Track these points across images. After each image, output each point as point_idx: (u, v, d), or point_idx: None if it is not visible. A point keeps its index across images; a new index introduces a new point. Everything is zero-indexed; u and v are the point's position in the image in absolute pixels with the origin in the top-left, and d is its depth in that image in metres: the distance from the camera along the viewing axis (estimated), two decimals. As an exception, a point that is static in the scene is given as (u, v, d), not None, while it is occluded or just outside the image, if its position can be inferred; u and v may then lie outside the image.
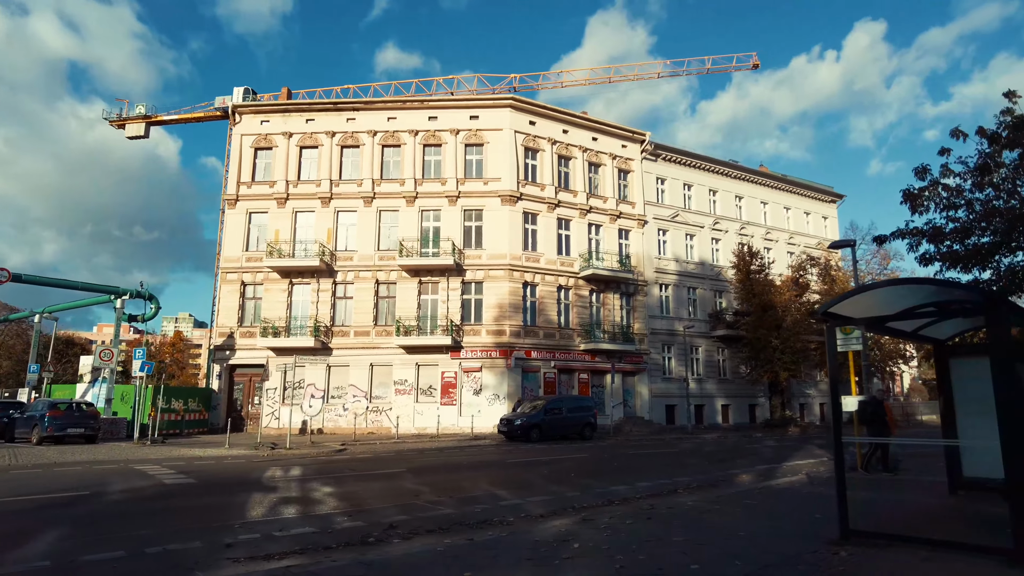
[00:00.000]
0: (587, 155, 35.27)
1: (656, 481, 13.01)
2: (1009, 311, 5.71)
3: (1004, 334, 5.53)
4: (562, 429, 25.91)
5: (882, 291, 6.52)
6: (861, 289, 6.37)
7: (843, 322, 6.89)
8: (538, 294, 32.25)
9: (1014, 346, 5.49)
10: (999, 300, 5.49)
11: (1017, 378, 5.52)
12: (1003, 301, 5.45)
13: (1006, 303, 5.55)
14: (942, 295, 6.02)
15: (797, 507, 9.17)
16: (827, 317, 6.63)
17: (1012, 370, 5.48)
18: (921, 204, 13.14)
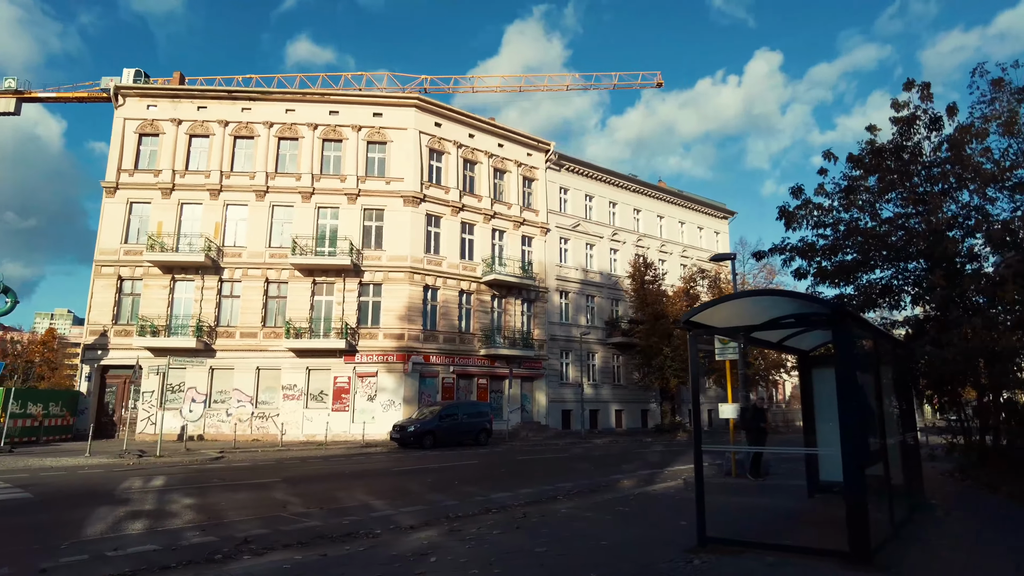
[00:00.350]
0: (493, 161, 35.25)
1: (539, 487, 12.94)
2: (854, 324, 5.94)
3: (848, 345, 5.74)
4: (458, 435, 25.60)
5: (745, 302, 6.65)
6: (720, 300, 6.47)
7: (706, 331, 6.99)
8: (439, 298, 31.80)
9: (856, 357, 5.69)
10: (845, 313, 5.68)
11: (858, 387, 5.74)
12: (848, 314, 5.65)
13: (852, 316, 5.76)
14: (796, 307, 6.20)
15: (667, 513, 9.28)
16: (690, 326, 6.70)
17: (854, 379, 5.68)
18: (795, 221, 13.86)
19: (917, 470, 9.30)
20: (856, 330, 6.40)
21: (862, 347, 7.49)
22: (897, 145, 13.23)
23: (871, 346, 7.60)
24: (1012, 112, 11.88)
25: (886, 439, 6.90)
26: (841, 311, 5.68)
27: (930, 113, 13.42)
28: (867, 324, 6.57)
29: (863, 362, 7.05)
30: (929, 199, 12.10)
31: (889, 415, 8.29)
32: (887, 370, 8.26)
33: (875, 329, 7.07)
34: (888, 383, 8.29)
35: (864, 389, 6.39)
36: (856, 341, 6.50)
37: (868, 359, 7.20)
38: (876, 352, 7.12)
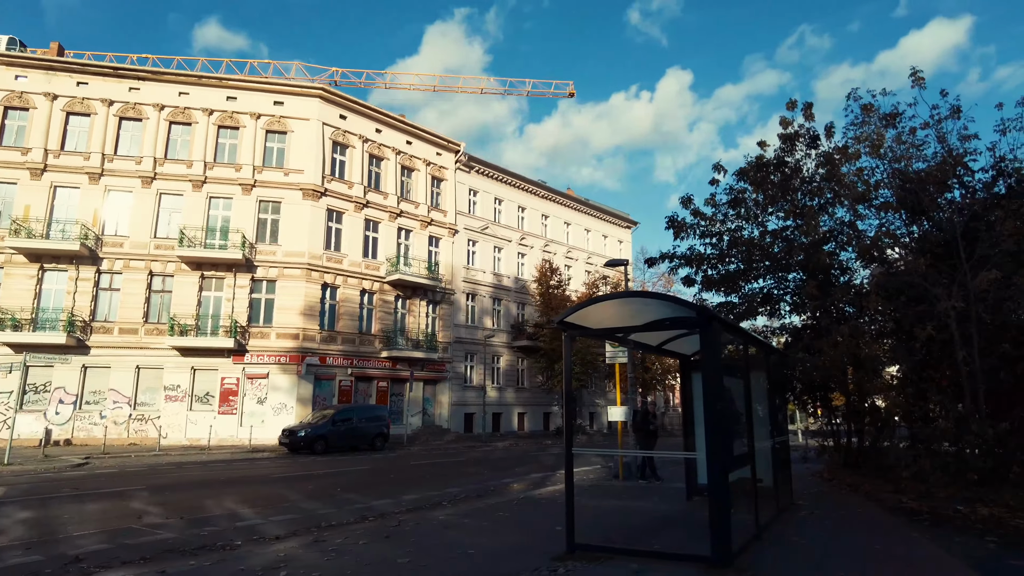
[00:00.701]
0: (400, 158, 34.51)
1: (425, 493, 12.53)
2: (721, 327, 5.95)
3: (714, 348, 5.73)
4: (352, 440, 24.71)
5: (618, 303, 6.56)
6: (592, 301, 6.34)
7: (580, 332, 6.86)
8: (339, 297, 30.69)
9: (720, 361, 5.68)
10: (710, 316, 5.67)
11: (723, 391, 5.75)
12: (714, 317, 5.63)
13: (717, 319, 5.76)
14: (669, 311, 6.15)
15: (546, 519, 9.11)
16: (564, 326, 6.54)
17: (719, 383, 5.68)
18: (683, 231, 14.21)
19: (787, 472, 9.62)
20: (725, 334, 6.44)
21: (738, 352, 7.62)
22: (780, 160, 13.84)
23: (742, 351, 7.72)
24: (879, 135, 12.64)
25: (754, 443, 7.01)
26: (706, 314, 5.66)
27: (811, 132, 14.14)
28: (735, 328, 6.65)
29: (732, 366, 7.15)
30: (806, 212, 12.69)
31: (760, 419, 8.50)
32: (759, 375, 8.46)
33: (745, 333, 7.19)
34: (760, 388, 8.50)
35: (732, 393, 6.45)
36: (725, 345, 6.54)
37: (738, 363, 7.31)
38: (746, 356, 7.24)
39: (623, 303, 6.57)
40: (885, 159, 13.03)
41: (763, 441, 8.42)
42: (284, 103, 30.82)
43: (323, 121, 31.11)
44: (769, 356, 8.91)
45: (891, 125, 13.18)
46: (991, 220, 11.08)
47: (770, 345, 9.31)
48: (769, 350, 8.99)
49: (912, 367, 11.56)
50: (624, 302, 6.56)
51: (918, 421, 12.12)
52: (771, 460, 8.37)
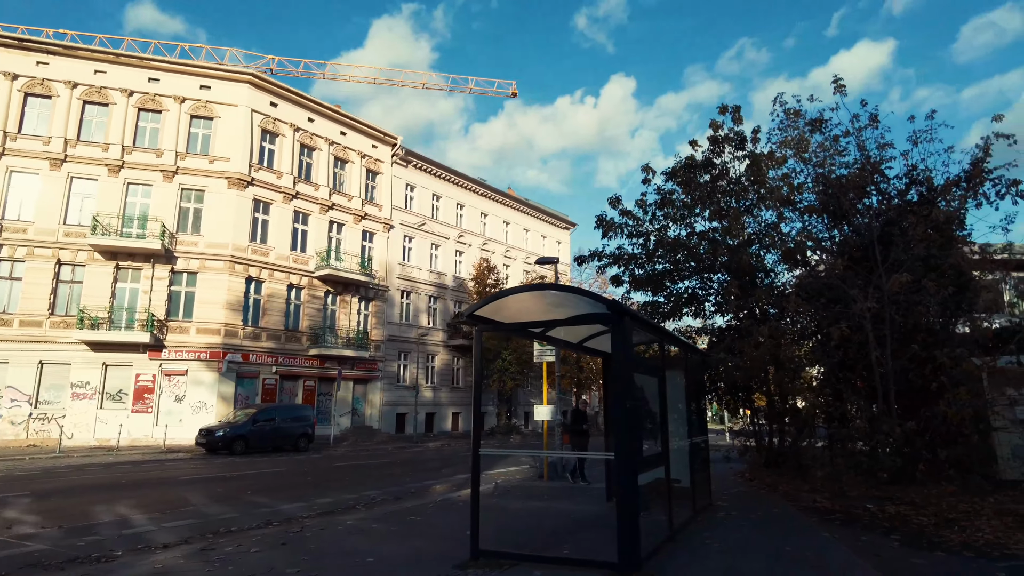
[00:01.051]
0: (334, 149, 33.48)
1: (341, 496, 11.97)
2: (634, 323, 5.72)
3: (624, 345, 5.49)
4: (275, 440, 23.72)
5: (531, 297, 6.24)
6: (503, 294, 6.01)
7: (492, 327, 6.51)
8: (264, 291, 29.46)
9: (631, 357, 5.44)
10: (622, 311, 5.43)
11: (634, 389, 5.51)
12: (626, 312, 5.39)
13: (630, 315, 5.52)
14: (582, 306, 5.88)
15: (460, 523, 8.71)
16: (474, 321, 6.19)
17: (628, 381, 5.45)
18: (611, 230, 14.11)
19: (705, 473, 9.56)
20: (641, 331, 6.23)
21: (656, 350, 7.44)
22: (708, 161, 13.90)
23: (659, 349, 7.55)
24: (804, 140, 12.84)
25: (670, 442, 6.83)
26: (617, 309, 5.41)
27: (740, 135, 14.27)
28: (650, 325, 6.45)
29: (649, 364, 6.97)
30: (731, 213, 12.76)
31: (678, 419, 8.37)
32: (677, 374, 8.33)
33: (662, 331, 7.01)
34: (679, 387, 8.37)
35: (646, 391, 6.24)
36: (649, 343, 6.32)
37: (655, 362, 7.13)
38: (663, 355, 7.06)
39: (537, 297, 6.26)
40: (810, 163, 13.25)
41: (680, 441, 8.30)
42: (211, 88, 29.38)
43: (252, 108, 29.83)
44: (689, 355, 8.80)
45: (816, 130, 13.42)
46: (904, 226, 11.37)
47: (690, 344, 9.24)
48: (689, 349, 8.89)
49: (830, 368, 11.77)
50: (538, 296, 6.24)
51: (835, 421, 12.35)
52: (689, 460, 8.24)
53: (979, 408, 9.44)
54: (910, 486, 10.07)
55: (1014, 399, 9.72)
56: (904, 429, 9.48)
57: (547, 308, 6.45)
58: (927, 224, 11.09)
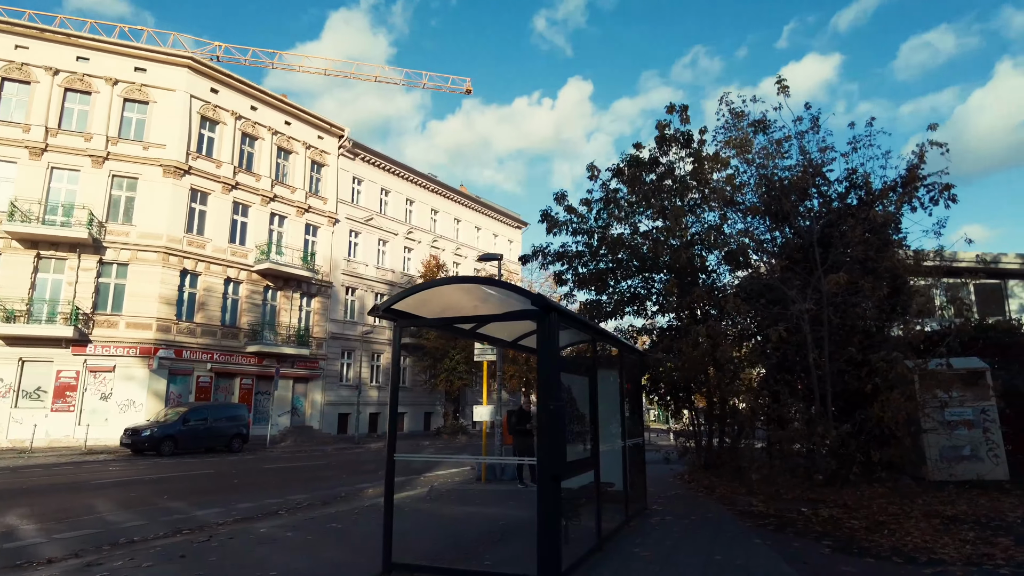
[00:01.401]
0: (277, 139, 32.35)
1: (264, 501, 11.31)
2: (562, 318, 5.36)
3: (550, 341, 5.13)
4: (207, 440, 22.71)
5: (454, 291, 5.83)
6: (422, 287, 5.58)
7: (413, 321, 6.07)
8: (200, 285, 28.21)
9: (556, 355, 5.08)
10: (548, 305, 5.07)
11: (559, 389, 5.15)
12: (553, 307, 5.03)
13: (556, 310, 5.16)
14: (508, 301, 5.50)
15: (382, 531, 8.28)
16: (393, 315, 5.74)
17: (554, 379, 5.09)
18: (556, 226, 13.82)
19: (641, 476, 9.31)
20: (570, 328, 5.89)
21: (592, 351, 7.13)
22: (654, 160, 13.75)
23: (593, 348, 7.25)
24: (747, 141, 12.78)
25: (600, 445, 6.52)
26: (542, 303, 5.05)
27: (687, 134, 14.17)
28: (580, 322, 6.12)
29: (582, 364, 6.64)
30: (673, 211, 12.58)
31: (612, 420, 8.08)
32: (611, 373, 8.05)
33: (594, 328, 6.69)
34: (613, 387, 8.09)
35: (574, 391, 5.90)
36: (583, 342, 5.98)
37: (585, 360, 6.81)
38: (595, 353, 6.75)
39: (463, 291, 5.85)
40: (752, 164, 13.22)
41: (615, 443, 8.01)
42: (147, 70, 27.95)
43: (191, 94, 28.51)
44: (625, 355, 8.53)
45: (760, 131, 13.40)
46: (844, 229, 11.41)
47: (626, 343, 8.96)
48: (625, 348, 8.61)
49: (769, 369, 11.73)
50: (464, 290, 5.83)
51: (774, 423, 12.34)
52: (624, 463, 7.96)
53: (911, 410, 9.48)
54: (844, 488, 10.06)
55: (944, 401, 9.81)
56: (840, 431, 9.44)
57: (476, 303, 6.06)
58: (865, 227, 11.14)
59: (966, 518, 7.88)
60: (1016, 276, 21.77)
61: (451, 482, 13.93)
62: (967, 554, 6.09)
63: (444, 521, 8.77)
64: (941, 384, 9.97)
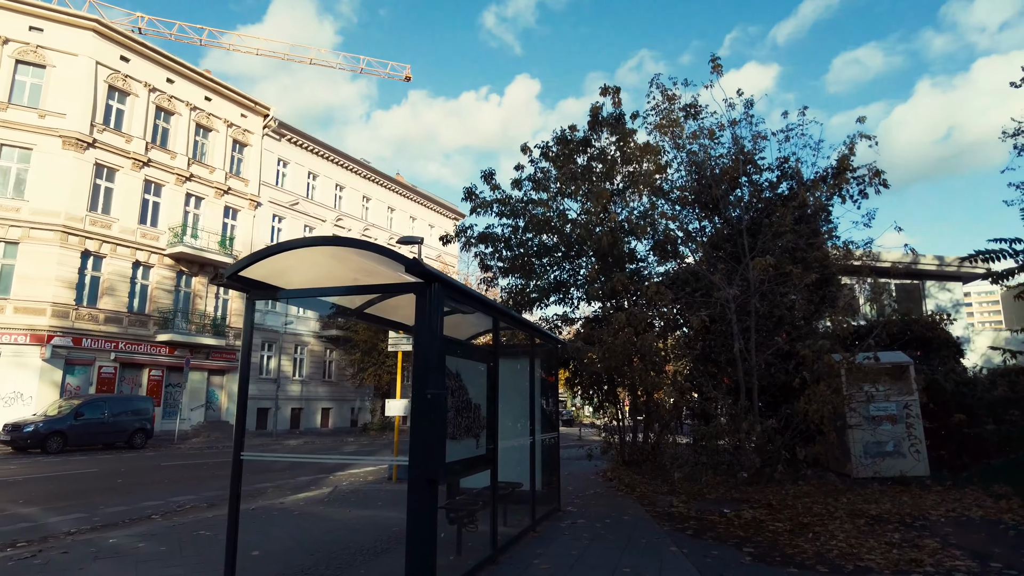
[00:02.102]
0: (196, 115, 30.24)
1: (139, 504, 10.04)
2: (447, 291, 4.49)
3: (431, 319, 4.26)
4: (104, 436, 20.86)
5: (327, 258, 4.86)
6: (271, 250, 4.56)
7: (269, 294, 5.09)
8: (105, 268, 26.00)
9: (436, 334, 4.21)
10: (431, 276, 4.20)
11: (439, 375, 4.29)
12: (436, 278, 4.15)
13: (440, 281, 4.29)
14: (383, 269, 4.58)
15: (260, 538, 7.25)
16: (243, 285, 4.75)
17: (433, 364, 4.23)
18: (481, 207, 12.95)
19: (554, 474, 8.57)
20: (461, 304, 5.02)
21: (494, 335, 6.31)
22: (584, 140, 13.04)
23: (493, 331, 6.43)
24: (678, 124, 12.24)
25: (498, 440, 5.69)
26: (422, 271, 4.17)
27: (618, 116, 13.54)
28: (475, 297, 5.25)
29: (472, 348, 5.80)
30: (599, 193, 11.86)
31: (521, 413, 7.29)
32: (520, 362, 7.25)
33: (492, 307, 5.82)
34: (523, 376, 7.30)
35: (465, 379, 5.05)
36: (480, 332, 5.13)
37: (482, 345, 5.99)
38: (496, 336, 5.91)
39: (336, 259, 4.87)
40: (683, 150, 12.71)
41: (523, 439, 7.22)
42: (44, 31, 25.48)
43: (97, 60, 26.19)
44: (538, 342, 7.75)
45: (692, 117, 12.90)
46: (775, 218, 11.00)
47: (540, 329, 8.15)
48: (538, 335, 7.80)
49: (694, 361, 11.22)
50: (338, 258, 4.85)
51: (699, 418, 11.86)
52: (533, 461, 7.16)
53: (837, 405, 9.10)
54: (768, 486, 9.62)
55: (872, 395, 9.48)
56: (765, 427, 8.95)
57: (355, 274, 5.10)
58: (795, 214, 10.76)
59: (891, 517, 7.46)
60: (933, 277, 22.32)
61: (359, 482, 12.92)
62: (894, 560, 5.56)
63: (333, 527, 7.78)
64: (868, 377, 9.64)
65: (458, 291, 4.77)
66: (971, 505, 8.16)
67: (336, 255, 4.90)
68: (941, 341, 12.36)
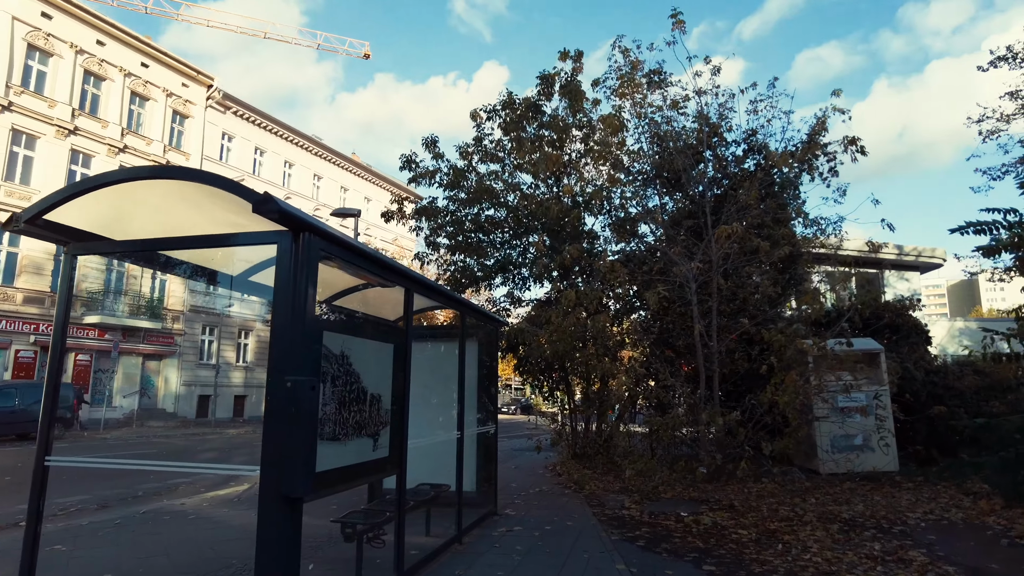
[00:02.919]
0: (131, 82, 28.15)
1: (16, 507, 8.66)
2: (322, 244, 3.35)
3: (295, 278, 3.13)
4: (14, 426, 19.16)
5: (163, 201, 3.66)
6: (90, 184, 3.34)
7: (91, 247, 3.88)
8: (23, 244, 23.86)
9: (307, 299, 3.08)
10: (300, 223, 3.08)
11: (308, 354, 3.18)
12: (306, 225, 3.03)
13: (313, 230, 3.16)
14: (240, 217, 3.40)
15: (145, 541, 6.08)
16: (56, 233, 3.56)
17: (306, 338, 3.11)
18: (422, 177, 11.75)
19: (490, 472, 7.51)
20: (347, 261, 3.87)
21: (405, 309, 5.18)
22: (534, 104, 11.91)
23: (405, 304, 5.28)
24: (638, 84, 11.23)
25: (406, 439, 4.59)
26: (284, 214, 3.03)
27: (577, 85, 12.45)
28: (374, 259, 4.06)
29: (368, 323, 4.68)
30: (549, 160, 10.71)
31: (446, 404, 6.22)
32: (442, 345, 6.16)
33: (405, 275, 4.66)
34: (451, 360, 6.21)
35: (356, 360, 3.93)
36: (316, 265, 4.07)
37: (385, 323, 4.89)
38: (408, 311, 4.79)
39: (177, 200, 3.67)
40: (644, 119, 11.73)
41: (445, 434, 6.15)
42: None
43: (14, 15, 23.95)
44: (471, 321, 6.66)
45: (656, 85, 11.91)
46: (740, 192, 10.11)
47: (471, 305, 6.95)
48: (471, 312, 6.67)
49: (650, 346, 10.30)
50: (178, 198, 3.65)
51: (654, 408, 10.97)
52: (460, 461, 6.08)
53: (808, 395, 8.27)
54: (729, 483, 8.77)
55: (849, 385, 8.67)
56: (728, 419, 8.06)
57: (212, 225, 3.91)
58: (763, 189, 9.90)
59: (866, 522, 6.63)
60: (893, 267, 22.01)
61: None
62: (880, 580, 4.68)
63: (212, 536, 6.59)
64: (843, 366, 8.84)
65: (343, 247, 3.62)
66: (948, 506, 7.41)
67: (185, 197, 3.69)
68: (910, 327, 11.69)
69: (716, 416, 8.19)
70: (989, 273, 17.29)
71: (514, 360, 11.84)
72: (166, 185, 3.57)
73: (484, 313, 7.06)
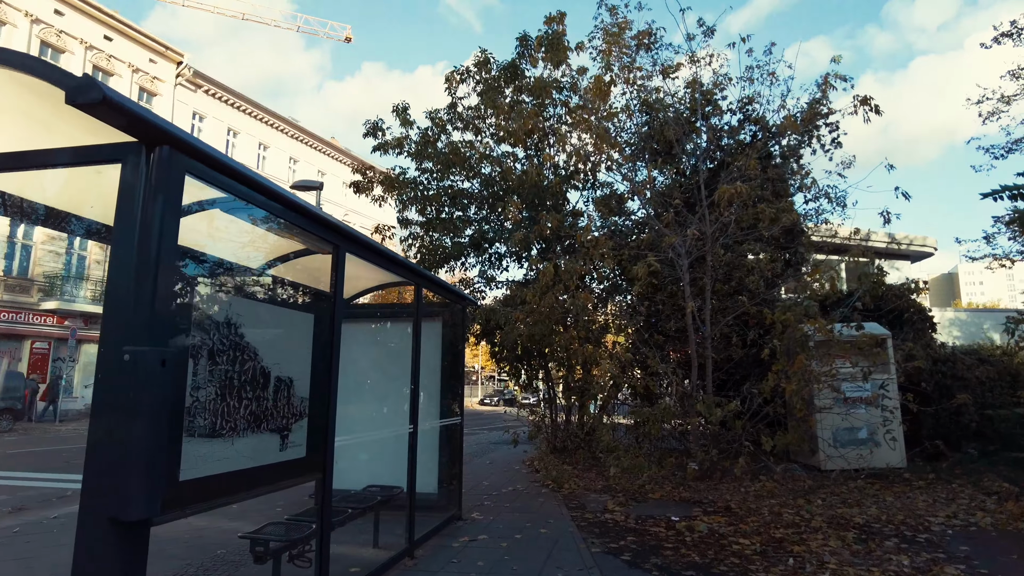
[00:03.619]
0: (93, 56, 26.70)
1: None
2: (182, 155, 2.37)
3: (149, 208, 2.16)
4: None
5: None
6: None
7: None
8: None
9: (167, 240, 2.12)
10: (159, 134, 2.10)
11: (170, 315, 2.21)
12: (168, 137, 2.03)
13: (176, 142, 2.19)
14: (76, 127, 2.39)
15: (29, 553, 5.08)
16: None
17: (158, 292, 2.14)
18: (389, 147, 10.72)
19: (454, 471, 6.57)
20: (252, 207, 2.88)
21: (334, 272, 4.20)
22: (512, 66, 10.88)
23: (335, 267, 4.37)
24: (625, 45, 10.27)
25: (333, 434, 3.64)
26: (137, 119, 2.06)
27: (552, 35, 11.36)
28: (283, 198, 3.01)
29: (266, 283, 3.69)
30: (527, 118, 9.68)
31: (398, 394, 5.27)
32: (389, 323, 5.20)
33: (330, 225, 3.65)
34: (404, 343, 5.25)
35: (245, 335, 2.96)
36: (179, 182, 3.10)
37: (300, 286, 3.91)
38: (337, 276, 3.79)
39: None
40: (632, 85, 10.79)
41: (401, 428, 5.20)
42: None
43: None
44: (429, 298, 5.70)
45: (645, 48, 10.96)
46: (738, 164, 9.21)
47: (430, 276, 5.86)
48: (430, 286, 5.66)
49: (637, 331, 9.40)
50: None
51: (641, 398, 10.08)
52: (412, 460, 5.13)
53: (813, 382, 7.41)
54: (723, 481, 7.91)
55: (866, 372, 7.82)
56: (726, 410, 7.17)
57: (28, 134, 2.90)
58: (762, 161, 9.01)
59: (884, 528, 5.78)
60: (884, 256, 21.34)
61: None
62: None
63: (175, 548, 5.60)
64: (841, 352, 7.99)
65: (225, 171, 2.62)
66: (972, 508, 6.58)
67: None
68: (914, 313, 10.88)
69: (712, 407, 7.30)
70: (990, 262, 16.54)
71: (487, 347, 10.89)
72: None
73: (447, 287, 6.07)
